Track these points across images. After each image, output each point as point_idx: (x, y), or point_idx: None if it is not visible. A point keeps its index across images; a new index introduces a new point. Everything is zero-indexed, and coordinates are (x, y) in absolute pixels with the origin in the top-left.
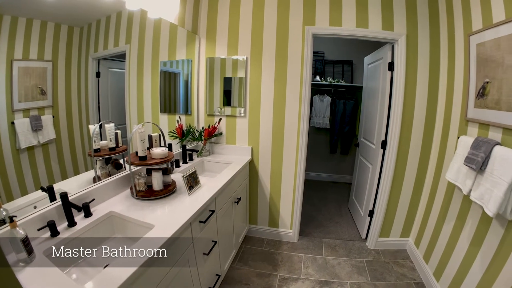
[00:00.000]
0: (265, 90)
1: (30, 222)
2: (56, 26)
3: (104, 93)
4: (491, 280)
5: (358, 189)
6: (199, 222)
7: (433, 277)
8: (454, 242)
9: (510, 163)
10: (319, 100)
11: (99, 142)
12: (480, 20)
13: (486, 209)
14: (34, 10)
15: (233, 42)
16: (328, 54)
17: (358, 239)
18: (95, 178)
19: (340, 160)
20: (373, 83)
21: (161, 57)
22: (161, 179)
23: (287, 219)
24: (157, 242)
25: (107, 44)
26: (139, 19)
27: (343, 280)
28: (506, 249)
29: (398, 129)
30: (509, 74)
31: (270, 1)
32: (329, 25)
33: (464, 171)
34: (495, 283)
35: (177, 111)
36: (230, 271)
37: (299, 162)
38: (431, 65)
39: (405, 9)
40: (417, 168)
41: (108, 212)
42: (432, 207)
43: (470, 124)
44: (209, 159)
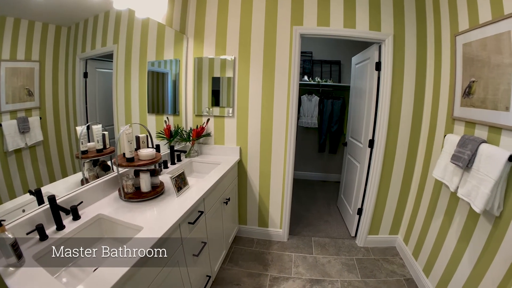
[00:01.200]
0: (253, 90)
1: (19, 226)
2: (44, 26)
3: (91, 94)
4: (480, 275)
5: (347, 188)
6: (188, 223)
7: (423, 273)
8: (443, 238)
9: (496, 160)
10: (307, 100)
11: (86, 144)
12: (467, 21)
13: (473, 206)
14: (22, 10)
15: (221, 42)
16: (316, 54)
17: (347, 237)
18: (83, 181)
19: (328, 159)
20: (360, 83)
21: (149, 57)
22: (149, 180)
23: (276, 218)
24: (146, 244)
25: (94, 44)
26: (127, 19)
27: (333, 278)
28: (494, 244)
29: (385, 128)
30: (495, 73)
31: (258, 1)
32: (316, 25)
33: (451, 168)
34: (484, 278)
35: (165, 112)
36: (220, 272)
37: (288, 162)
38: (418, 65)
39: (393, 9)
40: (404, 166)
41: (97, 215)
42: (420, 204)
43: (457, 122)
44: (198, 160)
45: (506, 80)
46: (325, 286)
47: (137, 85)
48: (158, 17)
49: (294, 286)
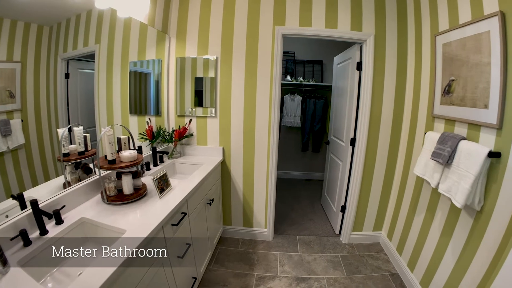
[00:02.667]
0: (236, 90)
1: (3, 232)
2: (26, 26)
3: (73, 95)
4: (463, 268)
5: (330, 186)
6: (171, 225)
7: (407, 268)
8: (425, 233)
9: (476, 156)
10: (290, 100)
11: (68, 146)
12: (447, 21)
13: (454, 201)
14: (5, 9)
15: (203, 42)
16: (299, 54)
17: (332, 234)
18: (65, 184)
19: (311, 158)
20: (342, 82)
21: (131, 57)
22: (131, 182)
23: (261, 218)
24: (129, 247)
25: (76, 44)
26: (109, 18)
27: (319, 276)
28: (476, 238)
29: (366, 126)
30: (474, 72)
31: (241, 1)
32: (299, 26)
33: (432, 165)
34: (468, 271)
35: (148, 112)
36: (206, 273)
37: (271, 161)
38: (399, 64)
39: (374, 10)
40: (386, 164)
41: (80, 219)
42: (402, 200)
43: (437, 120)
44: (180, 161)
45: (484, 78)
46: (311, 283)
47: (119, 85)
48: (140, 16)
49: (280, 285)
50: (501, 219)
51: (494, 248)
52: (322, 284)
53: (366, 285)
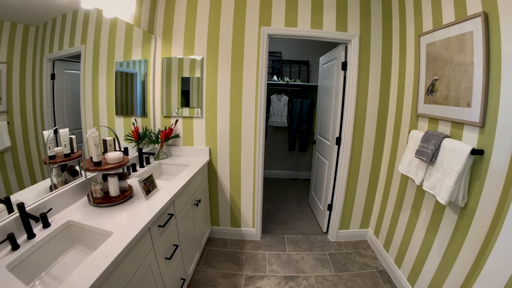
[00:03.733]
0: (222, 90)
1: None
2: (12, 25)
3: (59, 96)
4: (449, 264)
5: (317, 185)
6: (158, 226)
7: (395, 265)
8: (411, 230)
9: (459, 154)
10: (277, 100)
11: (54, 149)
12: (431, 22)
13: (438, 198)
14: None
15: (189, 42)
16: (285, 54)
17: (319, 233)
18: (51, 187)
19: (298, 158)
20: (327, 82)
21: (117, 57)
22: (117, 184)
23: (249, 218)
24: (116, 249)
25: (62, 44)
26: (95, 18)
27: (307, 274)
28: (461, 234)
29: (351, 125)
30: (457, 71)
31: (227, 2)
32: (284, 26)
33: (416, 163)
34: (454, 266)
35: (134, 113)
36: (195, 274)
37: (257, 161)
38: (383, 64)
39: (359, 11)
40: (371, 162)
41: (67, 222)
42: (388, 198)
43: (421, 119)
44: (167, 162)
45: (467, 78)
46: (299, 282)
47: (105, 86)
48: (126, 17)
49: (269, 284)
50: (484, 215)
51: (478, 243)
52: (310, 282)
53: (354, 282)
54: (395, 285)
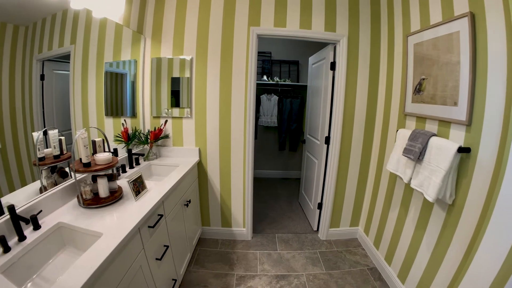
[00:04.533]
0: (211, 90)
1: None
2: (2, 26)
3: (48, 97)
4: (439, 260)
5: (307, 184)
6: (148, 227)
7: (385, 262)
8: (401, 227)
9: (446, 152)
10: (267, 100)
11: (43, 150)
12: (418, 22)
13: (426, 195)
14: None
15: (178, 42)
16: (275, 54)
17: (310, 231)
18: (41, 189)
19: (289, 157)
20: (317, 82)
21: (107, 57)
22: (106, 185)
23: (239, 218)
24: (107, 250)
25: (51, 44)
26: (85, 18)
27: (298, 273)
28: (449, 231)
29: (340, 125)
30: (444, 71)
31: (216, 2)
32: (273, 26)
33: (404, 161)
34: (443, 263)
35: (124, 114)
36: (187, 275)
37: (247, 161)
38: (372, 64)
39: (348, 11)
40: (360, 161)
41: (57, 223)
42: (377, 196)
43: (408, 118)
44: (156, 163)
45: (454, 77)
46: (291, 281)
47: (94, 87)
48: (115, 17)
49: (260, 283)
50: (472, 212)
51: (466, 240)
52: (301, 281)
53: (345, 280)
54: (385, 282)
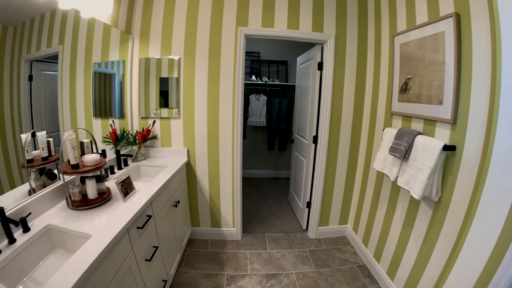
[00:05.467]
0: (199, 90)
1: None
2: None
3: (37, 98)
4: (426, 257)
5: (296, 183)
6: (136, 228)
7: (374, 259)
8: (388, 225)
9: (431, 150)
10: (256, 99)
11: (31, 152)
12: (405, 22)
13: (413, 193)
14: None
15: (166, 42)
16: (264, 54)
17: (299, 230)
18: (30, 191)
19: (278, 157)
20: (304, 82)
21: (95, 58)
22: (95, 187)
23: (229, 218)
24: (95, 251)
25: (40, 44)
26: (73, 18)
27: (288, 271)
28: (436, 227)
29: (327, 124)
30: (429, 70)
31: (205, 2)
32: (261, 27)
33: (390, 159)
34: (431, 259)
35: (113, 115)
36: (177, 276)
37: (236, 160)
38: (359, 64)
39: (335, 12)
40: (348, 159)
41: (46, 226)
42: (365, 194)
43: (395, 117)
44: (145, 164)
45: (439, 76)
46: (281, 279)
47: (82, 87)
48: (103, 17)
49: (251, 282)
50: (458, 209)
51: (453, 236)
52: (291, 279)
53: (335, 278)
54: (375, 279)
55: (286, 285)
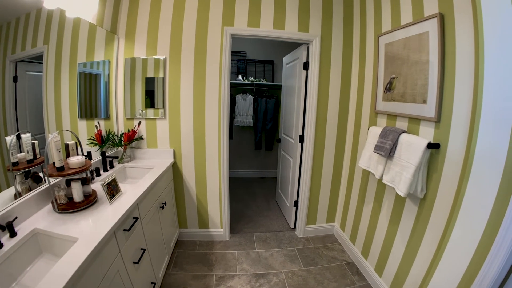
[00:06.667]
0: (185, 90)
1: None
2: None
3: (21, 100)
4: (413, 253)
5: (283, 182)
6: (123, 230)
7: (362, 256)
8: (375, 222)
9: (415, 147)
10: (242, 99)
11: (17, 155)
12: (390, 22)
13: (398, 190)
14: None
15: (152, 42)
16: (250, 54)
17: (287, 229)
18: (16, 195)
19: (265, 156)
20: (290, 82)
21: (80, 58)
22: (81, 189)
23: (216, 218)
24: (82, 255)
25: (25, 44)
26: (58, 18)
27: (277, 270)
28: (421, 223)
29: (313, 123)
30: (413, 70)
31: (191, 1)
32: (247, 26)
33: (375, 158)
34: (418, 255)
35: (98, 116)
36: (166, 278)
37: (222, 160)
38: (344, 64)
39: (321, 12)
40: (334, 158)
41: (33, 230)
42: (351, 192)
43: (379, 115)
44: (131, 165)
45: (423, 75)
46: (270, 279)
47: (67, 88)
48: (88, 16)
49: (240, 282)
50: (443, 205)
51: (439, 232)
52: (280, 278)
53: (324, 276)
54: (363, 276)
55: (275, 284)
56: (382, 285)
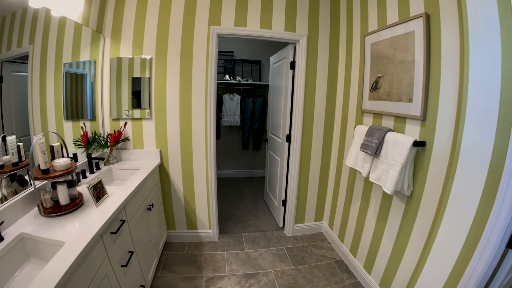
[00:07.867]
0: (171, 90)
1: None
2: None
3: (7, 101)
4: (401, 249)
5: (271, 182)
6: (110, 233)
7: (350, 254)
8: (363, 220)
9: (401, 146)
10: (229, 99)
11: (2, 158)
12: (376, 22)
13: (384, 188)
14: None
15: (138, 41)
16: (237, 53)
17: (276, 228)
18: (2, 199)
19: (253, 156)
20: (277, 81)
21: (65, 58)
22: (66, 192)
23: (204, 219)
24: (69, 259)
25: (10, 44)
26: (44, 17)
27: (267, 270)
28: (409, 221)
29: (300, 122)
30: (399, 69)
31: (177, 1)
32: (234, 26)
33: (362, 156)
34: (406, 252)
35: (84, 117)
36: (155, 281)
37: (210, 161)
38: (331, 63)
39: (308, 12)
40: (321, 157)
41: (19, 234)
42: (339, 190)
43: (366, 114)
44: (117, 167)
45: (409, 74)
46: (259, 278)
47: (53, 89)
48: (74, 16)
49: (229, 283)
50: (430, 202)
51: (426, 228)
52: (270, 278)
53: (313, 274)
54: (352, 274)
55: (265, 284)
56: (372, 282)
